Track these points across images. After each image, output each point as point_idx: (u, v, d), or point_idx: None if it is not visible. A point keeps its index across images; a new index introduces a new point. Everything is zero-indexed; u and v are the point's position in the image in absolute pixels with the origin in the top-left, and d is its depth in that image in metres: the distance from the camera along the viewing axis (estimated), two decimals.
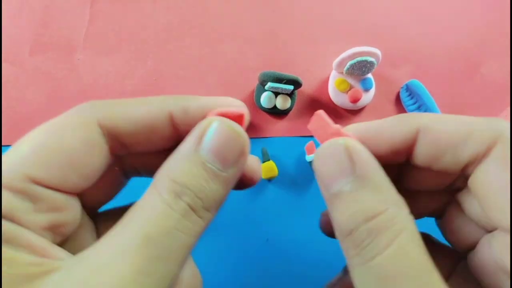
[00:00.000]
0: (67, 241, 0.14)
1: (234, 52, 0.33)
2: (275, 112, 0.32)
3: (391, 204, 0.12)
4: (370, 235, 0.12)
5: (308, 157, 0.31)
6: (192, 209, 0.12)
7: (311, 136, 0.33)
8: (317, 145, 0.32)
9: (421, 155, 0.14)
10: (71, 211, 0.14)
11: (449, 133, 0.13)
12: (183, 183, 0.12)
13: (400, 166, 0.16)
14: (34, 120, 0.32)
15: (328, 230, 0.17)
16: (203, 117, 0.14)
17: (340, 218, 0.13)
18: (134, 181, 0.18)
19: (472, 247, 0.16)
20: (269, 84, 0.30)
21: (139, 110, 0.14)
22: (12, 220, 0.11)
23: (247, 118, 0.15)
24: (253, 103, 0.33)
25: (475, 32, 0.34)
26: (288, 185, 0.32)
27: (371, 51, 0.29)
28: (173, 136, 0.15)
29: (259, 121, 0.33)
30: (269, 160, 0.31)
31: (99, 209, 0.17)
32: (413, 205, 0.13)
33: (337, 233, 0.13)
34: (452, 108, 0.33)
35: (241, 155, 0.14)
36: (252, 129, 0.33)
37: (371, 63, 0.30)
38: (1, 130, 0.31)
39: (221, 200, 0.13)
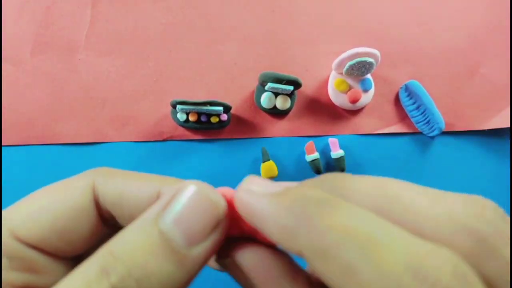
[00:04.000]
0: None
1: (234, 52, 0.33)
2: (275, 112, 0.32)
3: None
4: None
5: (308, 157, 0.31)
6: None
7: (311, 136, 0.33)
8: (317, 145, 0.32)
9: None
10: (51, 275, 0.13)
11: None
12: (118, 255, 0.10)
13: None
14: (34, 120, 0.32)
15: None
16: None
17: None
18: None
19: None
20: (269, 85, 0.30)
21: (131, 184, 0.13)
22: None
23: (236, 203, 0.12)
24: (253, 103, 0.33)
25: (475, 32, 0.34)
26: None
27: (371, 51, 0.29)
28: None
29: (259, 121, 0.33)
30: (269, 160, 0.31)
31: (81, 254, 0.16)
32: None
33: None
34: (451, 108, 0.33)
35: (214, 230, 0.11)
36: (252, 129, 0.33)
37: (370, 64, 0.30)
38: (1, 130, 0.31)
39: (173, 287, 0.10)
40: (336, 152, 0.32)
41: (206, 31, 0.33)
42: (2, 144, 0.31)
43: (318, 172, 0.32)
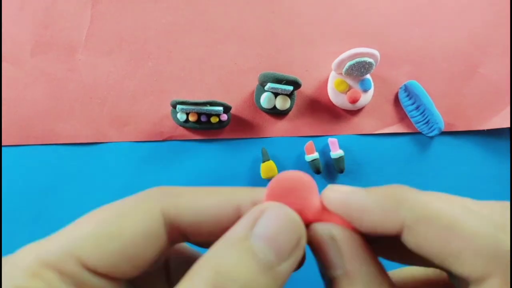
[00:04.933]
0: None
1: (234, 52, 0.33)
2: (275, 113, 0.33)
3: None
4: None
5: (308, 157, 0.31)
6: None
7: (311, 136, 0.33)
8: (317, 145, 0.32)
9: (406, 244, 0.13)
10: None
11: (437, 246, 0.12)
12: (226, 274, 0.11)
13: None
14: (34, 120, 0.32)
15: None
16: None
17: None
18: None
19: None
20: (269, 85, 0.30)
21: (206, 202, 0.13)
22: None
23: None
24: (253, 103, 0.33)
25: (474, 32, 0.34)
26: None
27: (370, 52, 0.29)
28: None
29: (259, 121, 0.33)
30: (269, 160, 0.31)
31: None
32: None
33: None
34: (451, 108, 0.33)
35: (297, 246, 0.12)
36: (252, 129, 0.33)
37: (370, 64, 0.30)
38: (1, 130, 0.31)
39: None
40: (336, 152, 0.32)
41: (206, 31, 0.33)
42: (2, 144, 0.31)
43: (317, 172, 0.32)
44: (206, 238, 0.14)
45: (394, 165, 0.33)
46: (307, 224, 0.14)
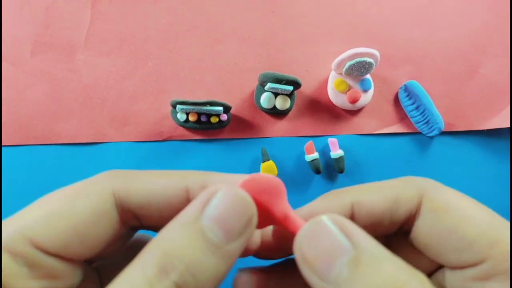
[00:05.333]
0: None
1: (234, 52, 0.33)
2: (275, 113, 0.33)
3: (407, 274, 0.11)
4: None
5: (307, 157, 0.31)
6: None
7: (311, 136, 0.33)
8: (317, 145, 0.32)
9: (360, 226, 0.13)
10: (69, 279, 0.13)
11: (380, 202, 0.14)
12: (173, 253, 0.11)
13: None
14: (35, 120, 0.32)
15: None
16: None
17: None
18: None
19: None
20: (269, 85, 0.30)
21: (155, 183, 0.13)
22: (4, 285, 0.11)
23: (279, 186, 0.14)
24: (253, 103, 0.33)
25: (474, 32, 0.34)
26: (287, 184, 0.32)
27: (370, 52, 0.29)
28: None
29: (259, 121, 0.33)
30: (268, 160, 0.31)
31: (101, 259, 0.16)
32: None
33: None
34: (451, 108, 0.33)
35: (247, 226, 0.12)
36: (252, 129, 0.33)
37: (370, 64, 0.30)
38: (1, 130, 0.31)
39: (219, 279, 0.11)
40: (336, 152, 0.32)
41: (206, 31, 0.33)
42: (2, 144, 0.31)
43: (317, 172, 0.32)
44: (158, 221, 0.14)
45: (394, 165, 0.33)
46: (274, 225, 0.14)
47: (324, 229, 0.12)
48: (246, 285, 0.15)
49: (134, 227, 0.15)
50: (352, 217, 0.14)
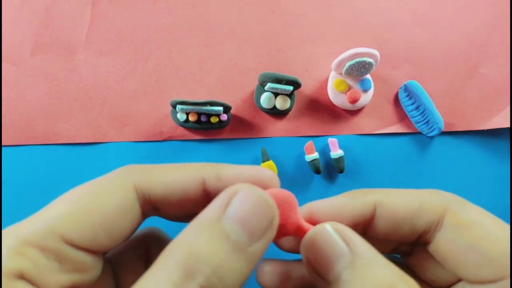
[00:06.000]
0: None
1: (234, 52, 0.33)
2: (275, 113, 0.33)
3: (397, 277, 0.12)
4: None
5: (308, 157, 0.31)
6: None
7: (311, 136, 0.33)
8: (317, 145, 0.32)
9: (380, 228, 0.15)
10: (94, 270, 0.13)
11: (403, 207, 0.15)
12: (199, 256, 0.11)
13: None
14: (35, 120, 0.32)
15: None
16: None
17: None
18: None
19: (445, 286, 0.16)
20: (269, 85, 0.30)
21: (173, 176, 0.14)
22: (35, 280, 0.11)
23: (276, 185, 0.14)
24: (253, 103, 0.33)
25: (474, 32, 0.34)
26: (287, 184, 0.32)
27: (370, 52, 0.29)
28: (205, 203, 0.14)
29: (259, 121, 0.33)
30: (269, 160, 0.31)
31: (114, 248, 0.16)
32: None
33: None
34: (451, 108, 0.33)
35: (270, 227, 0.12)
36: (252, 129, 0.33)
37: (370, 64, 0.30)
38: (1, 130, 0.31)
39: (243, 281, 0.12)
40: (336, 152, 0.32)
41: (206, 31, 0.33)
42: (2, 144, 0.31)
43: (317, 172, 0.32)
44: (176, 211, 0.14)
45: (394, 165, 0.33)
46: (287, 236, 0.15)
47: (326, 235, 0.13)
48: (270, 275, 0.16)
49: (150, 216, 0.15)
50: (373, 218, 0.15)
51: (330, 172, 0.33)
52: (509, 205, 0.33)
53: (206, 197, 0.14)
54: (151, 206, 0.14)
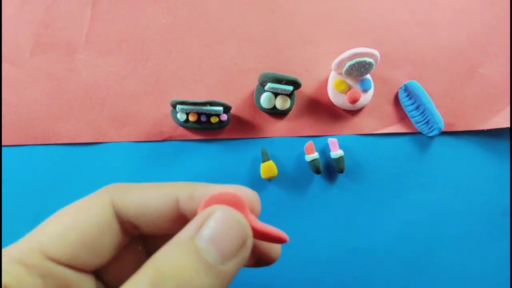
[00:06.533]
0: None
1: (234, 52, 0.33)
2: (275, 113, 0.33)
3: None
4: None
5: (308, 157, 0.31)
6: None
7: (311, 136, 0.33)
8: (317, 145, 0.32)
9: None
10: None
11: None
12: (166, 272, 0.11)
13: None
14: (34, 120, 0.32)
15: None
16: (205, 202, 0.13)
17: None
18: None
19: None
20: (269, 85, 0.30)
21: (148, 194, 0.14)
22: None
23: (255, 205, 0.15)
24: (253, 103, 0.33)
25: (474, 32, 0.34)
26: (287, 184, 0.33)
27: (370, 52, 0.29)
28: (180, 222, 0.14)
29: (259, 121, 0.33)
30: (268, 160, 0.31)
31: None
32: None
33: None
34: (451, 108, 0.33)
35: (243, 246, 0.13)
36: (252, 129, 0.33)
37: (370, 64, 0.30)
38: (1, 130, 0.31)
39: None
40: (336, 152, 0.32)
41: (206, 31, 0.33)
42: (2, 144, 0.31)
43: (317, 172, 0.32)
44: (154, 230, 0.15)
45: (394, 165, 0.33)
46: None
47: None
48: None
49: (136, 236, 0.16)
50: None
51: (330, 172, 0.33)
52: (509, 205, 0.33)
53: (182, 217, 0.14)
54: (130, 224, 0.15)
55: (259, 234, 0.14)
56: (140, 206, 0.14)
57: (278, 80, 0.30)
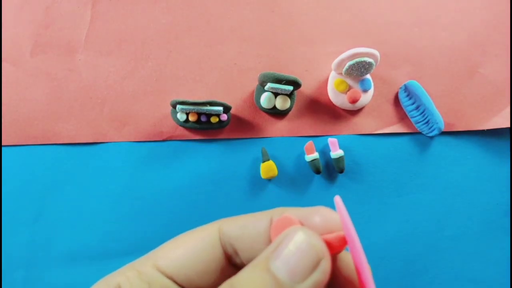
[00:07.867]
0: None
1: (233, 52, 0.33)
2: (275, 113, 0.33)
3: None
4: None
5: (308, 157, 0.31)
6: None
7: (311, 136, 0.33)
8: (317, 145, 0.32)
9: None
10: None
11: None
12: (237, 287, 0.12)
13: None
14: (34, 120, 0.32)
15: None
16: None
17: None
18: None
19: None
20: (269, 85, 0.30)
21: (249, 217, 0.16)
22: None
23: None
24: (253, 103, 0.33)
25: (474, 32, 0.34)
26: (287, 184, 0.33)
27: (370, 52, 0.29)
28: None
29: (259, 121, 0.33)
30: (268, 160, 0.31)
31: None
32: None
33: None
34: (451, 108, 0.33)
35: (316, 269, 0.13)
36: (252, 129, 0.33)
37: (370, 64, 0.30)
38: (1, 130, 0.31)
39: None
40: (336, 152, 0.32)
41: (206, 31, 0.33)
42: (2, 144, 0.31)
43: (317, 172, 0.32)
44: (251, 254, 0.16)
45: (394, 165, 0.33)
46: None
47: None
48: None
49: (235, 263, 0.17)
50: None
51: (330, 172, 0.33)
52: (509, 205, 0.33)
53: None
54: (231, 249, 0.16)
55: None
56: (241, 234, 0.15)
57: (278, 80, 0.30)
